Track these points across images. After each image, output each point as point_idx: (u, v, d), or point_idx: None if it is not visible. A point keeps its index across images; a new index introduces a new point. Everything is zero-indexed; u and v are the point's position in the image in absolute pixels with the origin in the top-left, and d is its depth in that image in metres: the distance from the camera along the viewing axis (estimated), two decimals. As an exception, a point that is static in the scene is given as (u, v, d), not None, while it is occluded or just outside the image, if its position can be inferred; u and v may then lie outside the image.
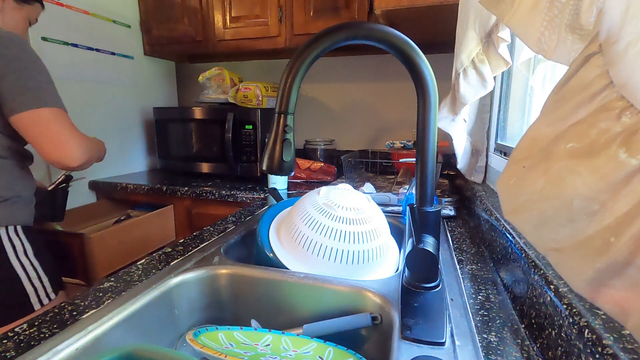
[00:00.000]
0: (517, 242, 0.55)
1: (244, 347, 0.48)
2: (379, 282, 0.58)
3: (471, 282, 0.60)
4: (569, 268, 0.23)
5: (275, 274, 0.61)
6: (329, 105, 1.84)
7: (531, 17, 0.33)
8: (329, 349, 0.50)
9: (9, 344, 0.43)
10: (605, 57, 0.20)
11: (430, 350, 0.43)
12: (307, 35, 1.45)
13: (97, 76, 1.53)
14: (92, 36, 1.49)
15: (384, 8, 1.05)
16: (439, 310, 0.46)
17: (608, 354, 0.29)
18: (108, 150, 1.62)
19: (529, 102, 0.94)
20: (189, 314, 0.62)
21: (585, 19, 0.27)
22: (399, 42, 0.44)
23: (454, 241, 0.80)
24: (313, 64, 0.46)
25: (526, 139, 0.26)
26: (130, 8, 1.69)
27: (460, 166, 1.07)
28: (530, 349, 0.44)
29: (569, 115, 0.22)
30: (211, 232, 0.83)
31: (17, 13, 0.97)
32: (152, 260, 0.67)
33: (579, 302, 0.36)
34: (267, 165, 0.47)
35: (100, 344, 0.46)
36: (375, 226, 0.65)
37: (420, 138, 0.47)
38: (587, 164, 0.20)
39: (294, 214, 0.67)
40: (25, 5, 0.98)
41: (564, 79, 0.23)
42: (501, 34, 0.70)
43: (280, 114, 0.46)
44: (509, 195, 0.27)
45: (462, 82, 0.81)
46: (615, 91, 0.20)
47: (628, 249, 0.19)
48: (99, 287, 0.56)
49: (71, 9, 1.40)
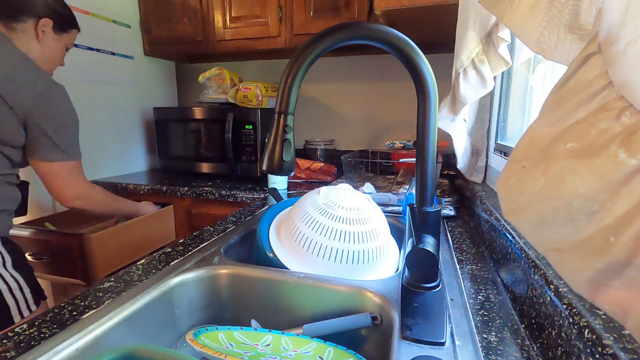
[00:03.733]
0: (517, 242, 0.55)
1: (244, 347, 0.48)
2: (379, 282, 0.58)
3: (471, 282, 0.60)
4: (568, 268, 0.23)
5: (275, 274, 0.61)
6: (329, 105, 1.84)
7: (530, 17, 0.33)
8: (329, 349, 0.50)
9: (9, 344, 0.43)
10: (604, 57, 0.20)
11: (430, 350, 0.43)
12: (307, 35, 1.45)
13: (97, 76, 1.53)
14: (92, 36, 1.49)
15: (384, 8, 1.05)
16: (439, 310, 0.46)
17: (608, 354, 0.29)
18: (108, 150, 1.63)
19: (529, 102, 0.94)
20: (189, 314, 0.62)
21: (585, 19, 0.27)
22: (399, 42, 0.44)
23: (454, 241, 0.80)
24: (313, 64, 0.46)
25: (525, 139, 0.26)
26: (130, 8, 1.69)
27: (460, 166, 1.07)
28: (530, 349, 0.44)
29: (568, 115, 0.22)
30: (211, 232, 0.83)
31: (56, 43, 0.99)
32: (152, 260, 0.67)
33: (579, 302, 0.36)
34: (267, 165, 0.47)
35: (100, 344, 0.46)
36: (375, 226, 0.65)
37: (420, 138, 0.47)
38: (587, 164, 0.20)
39: (294, 214, 0.67)
40: (63, 34, 1.00)
41: (563, 79, 0.23)
42: (501, 34, 0.70)
43: (280, 114, 0.46)
44: (509, 195, 0.27)
45: (462, 82, 0.81)
46: (615, 91, 0.20)
47: (628, 248, 0.19)
48: (99, 287, 0.56)
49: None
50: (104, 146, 1.60)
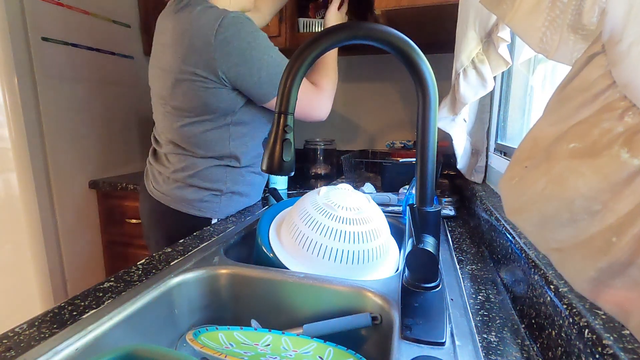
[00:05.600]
0: (517, 242, 0.55)
1: (244, 347, 0.48)
2: (379, 282, 0.58)
3: (471, 282, 0.60)
4: (570, 268, 0.23)
5: (275, 274, 0.61)
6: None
7: (533, 17, 0.33)
8: (329, 349, 0.50)
9: (9, 344, 0.43)
10: (608, 57, 0.20)
11: (430, 350, 0.43)
12: (307, 35, 1.45)
13: (97, 76, 1.53)
14: (92, 36, 1.49)
15: (384, 8, 1.05)
16: (439, 310, 0.46)
17: (608, 354, 0.29)
18: (108, 150, 1.63)
19: (529, 102, 0.94)
20: (189, 314, 0.62)
21: (588, 19, 0.27)
22: (399, 42, 0.44)
23: (454, 241, 0.80)
24: (313, 63, 0.45)
25: (528, 139, 0.26)
26: (130, 8, 1.68)
27: (460, 166, 1.07)
28: (530, 349, 0.43)
29: (571, 115, 0.22)
30: (211, 232, 0.83)
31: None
32: (152, 260, 0.67)
33: (579, 302, 0.36)
34: (267, 165, 0.47)
35: (100, 344, 0.46)
36: (375, 226, 0.65)
37: (420, 138, 0.47)
38: (589, 164, 0.20)
39: (294, 214, 0.67)
40: None
41: (566, 79, 0.23)
42: (501, 34, 0.70)
43: (280, 114, 0.46)
44: (511, 195, 0.27)
45: (462, 82, 0.81)
46: (618, 91, 0.20)
47: (630, 248, 0.19)
48: (99, 287, 0.56)
49: (71, 9, 1.40)
50: (104, 146, 1.60)
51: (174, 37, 0.85)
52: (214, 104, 0.87)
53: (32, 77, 1.28)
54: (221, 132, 0.92)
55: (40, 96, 1.30)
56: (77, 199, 1.47)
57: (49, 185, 1.36)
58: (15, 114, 1.24)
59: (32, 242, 1.31)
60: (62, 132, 1.40)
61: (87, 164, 1.52)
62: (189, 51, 0.82)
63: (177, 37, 0.84)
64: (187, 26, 0.83)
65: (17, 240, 1.31)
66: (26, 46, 1.25)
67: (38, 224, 1.32)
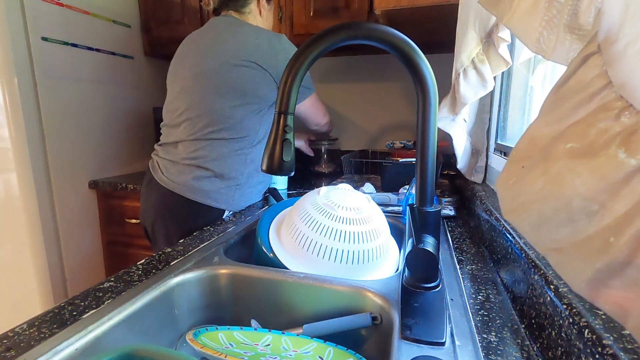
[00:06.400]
0: (517, 242, 0.55)
1: (244, 347, 0.48)
2: (379, 282, 0.58)
3: (471, 282, 0.60)
4: (568, 268, 0.23)
5: (275, 274, 0.61)
6: (329, 105, 1.83)
7: (530, 17, 0.33)
8: (329, 349, 0.50)
9: (9, 344, 0.43)
10: (604, 57, 0.20)
11: (430, 350, 0.43)
12: (307, 35, 1.45)
13: (97, 76, 1.53)
14: (92, 36, 1.49)
15: (384, 8, 1.05)
16: (439, 310, 0.46)
17: (608, 354, 0.29)
18: (108, 150, 1.63)
19: (529, 102, 0.94)
20: (189, 314, 0.62)
21: (584, 19, 0.27)
22: (399, 42, 0.44)
23: (454, 241, 0.80)
24: (313, 64, 0.46)
25: (525, 139, 0.26)
26: (130, 8, 1.69)
27: (460, 166, 1.07)
28: (530, 349, 0.44)
29: (568, 115, 0.22)
30: (211, 232, 0.83)
31: (269, 13, 1.19)
32: (152, 260, 0.67)
33: (579, 302, 0.36)
34: (267, 165, 0.47)
35: (100, 344, 0.46)
36: (375, 226, 0.65)
37: (420, 138, 0.47)
38: (587, 164, 0.20)
39: (294, 214, 0.67)
40: (271, 3, 1.18)
41: (562, 79, 0.23)
42: (501, 34, 0.70)
43: (280, 114, 0.46)
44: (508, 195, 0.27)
45: (462, 82, 0.81)
46: (614, 91, 0.20)
47: (628, 248, 0.19)
48: (99, 287, 0.56)
49: (71, 9, 1.40)
50: (104, 146, 1.60)
51: (233, 35, 1.00)
52: (259, 91, 1.01)
53: (32, 77, 1.28)
54: (257, 117, 1.05)
55: (40, 96, 1.31)
56: (77, 199, 1.47)
57: (49, 185, 1.36)
58: (15, 114, 1.24)
59: (32, 242, 1.31)
60: (62, 132, 1.40)
61: (87, 164, 1.52)
62: (254, 48, 0.99)
63: (238, 38, 1.00)
64: (252, 34, 1.01)
65: (17, 240, 1.31)
66: (26, 46, 1.25)
67: (38, 224, 1.32)
